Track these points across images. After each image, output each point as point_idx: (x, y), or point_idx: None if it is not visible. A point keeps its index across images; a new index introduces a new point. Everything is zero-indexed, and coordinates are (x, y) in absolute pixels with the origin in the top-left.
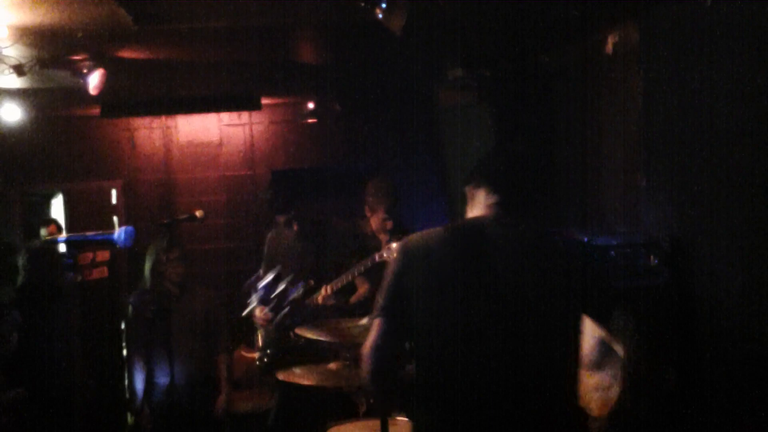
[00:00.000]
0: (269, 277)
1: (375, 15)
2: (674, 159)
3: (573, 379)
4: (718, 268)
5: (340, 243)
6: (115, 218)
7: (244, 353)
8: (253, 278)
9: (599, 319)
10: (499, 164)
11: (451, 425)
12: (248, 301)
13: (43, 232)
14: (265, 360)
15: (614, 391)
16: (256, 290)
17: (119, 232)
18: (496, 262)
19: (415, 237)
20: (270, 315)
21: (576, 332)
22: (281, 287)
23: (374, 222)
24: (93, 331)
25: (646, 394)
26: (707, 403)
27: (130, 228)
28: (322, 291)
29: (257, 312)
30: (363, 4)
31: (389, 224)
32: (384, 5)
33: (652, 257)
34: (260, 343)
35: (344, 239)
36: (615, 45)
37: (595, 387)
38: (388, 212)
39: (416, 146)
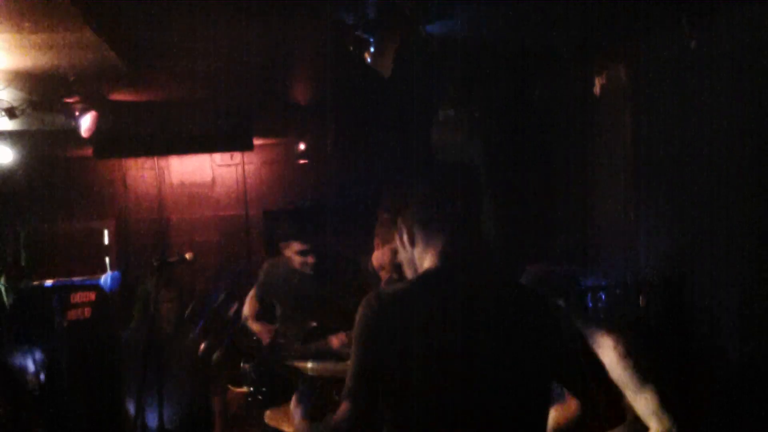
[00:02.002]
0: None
1: (364, 59)
2: (665, 195)
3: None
4: (713, 306)
5: (341, 281)
6: (107, 259)
7: (232, 388)
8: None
9: (569, 384)
10: (443, 201)
11: None
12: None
13: None
14: (260, 398)
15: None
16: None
17: (105, 278)
18: (471, 317)
19: (383, 296)
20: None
21: (546, 389)
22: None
23: (379, 256)
24: (83, 371)
25: None
26: None
27: (116, 273)
28: (342, 337)
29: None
30: (352, 49)
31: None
32: (373, 49)
33: (641, 298)
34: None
35: (347, 277)
36: (603, 85)
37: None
38: None
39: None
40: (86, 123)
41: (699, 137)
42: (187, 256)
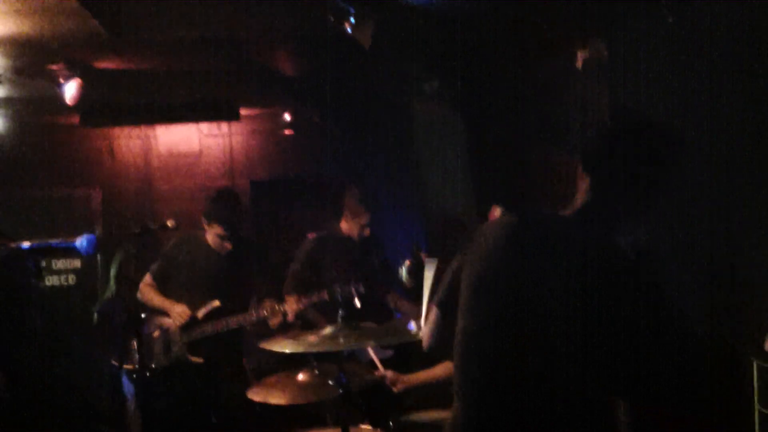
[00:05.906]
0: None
1: (344, 29)
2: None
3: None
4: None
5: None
6: (96, 227)
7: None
8: None
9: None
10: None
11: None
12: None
13: None
14: (148, 375)
15: None
16: None
17: (81, 240)
18: (551, 273)
19: (485, 227)
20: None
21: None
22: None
23: (349, 227)
24: (60, 338)
25: None
26: None
27: (92, 236)
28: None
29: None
30: (332, 19)
31: (368, 231)
32: (353, 20)
33: None
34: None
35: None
36: (585, 60)
37: None
38: (369, 221)
39: (393, 157)
40: (71, 90)
41: (672, 112)
42: (169, 223)
